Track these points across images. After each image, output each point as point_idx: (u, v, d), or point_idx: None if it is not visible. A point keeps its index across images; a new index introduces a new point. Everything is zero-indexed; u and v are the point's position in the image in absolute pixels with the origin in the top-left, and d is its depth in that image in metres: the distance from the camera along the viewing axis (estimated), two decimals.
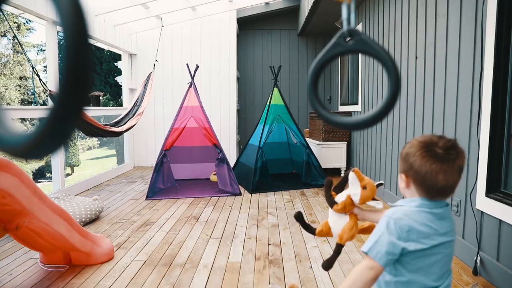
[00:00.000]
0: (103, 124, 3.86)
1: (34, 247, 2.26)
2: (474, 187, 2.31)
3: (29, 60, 2.95)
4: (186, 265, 2.47)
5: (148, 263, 2.50)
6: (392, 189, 3.84)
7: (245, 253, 2.67)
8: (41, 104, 20.12)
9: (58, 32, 4.06)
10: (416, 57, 3.23)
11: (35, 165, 18.03)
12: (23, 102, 21.46)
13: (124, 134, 6.04)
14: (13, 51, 20.78)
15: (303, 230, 3.08)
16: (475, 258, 2.23)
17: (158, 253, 2.68)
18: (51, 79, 4.09)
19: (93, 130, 3.60)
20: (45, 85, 2.93)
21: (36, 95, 21.42)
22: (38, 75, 2.80)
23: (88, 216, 3.31)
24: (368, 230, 1.37)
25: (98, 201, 3.55)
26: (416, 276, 1.02)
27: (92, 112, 5.01)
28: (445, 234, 1.04)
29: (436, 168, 0.97)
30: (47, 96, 3.08)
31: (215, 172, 4.86)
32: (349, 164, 5.62)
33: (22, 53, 21.83)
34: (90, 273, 2.35)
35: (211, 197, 4.35)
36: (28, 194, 1.80)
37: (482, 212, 2.24)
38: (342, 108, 6.26)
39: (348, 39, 0.55)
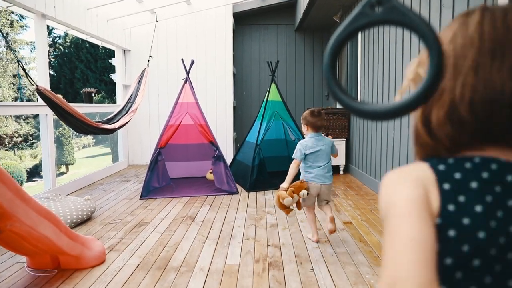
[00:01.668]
0: (95, 121, 3.72)
1: (19, 251, 2.13)
2: None
3: (12, 50, 2.81)
4: (182, 268, 2.36)
5: (141, 267, 2.38)
6: None
7: (243, 255, 2.55)
8: (27, 100, 19.86)
9: (48, 26, 3.92)
10: (419, 52, 3.12)
11: (29, 163, 17.82)
12: (17, 100, 21.19)
13: (118, 131, 5.90)
14: (6, 49, 20.48)
15: (302, 230, 2.98)
16: None
17: (152, 255, 2.56)
18: (41, 75, 3.95)
19: (83, 127, 3.46)
20: (32, 80, 2.79)
21: (23, 91, 21.16)
22: (24, 69, 2.66)
23: (80, 216, 3.18)
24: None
25: (90, 201, 3.43)
26: (312, 162, 2.70)
27: (84, 109, 4.87)
28: (321, 146, 2.70)
29: (315, 119, 2.70)
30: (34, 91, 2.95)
31: (211, 170, 4.74)
32: (348, 161, 5.52)
33: (15, 51, 21.55)
34: (80, 278, 2.23)
35: (208, 196, 4.23)
36: (10, 195, 1.67)
37: None
38: (340, 105, 6.14)
39: (376, 7, 0.44)
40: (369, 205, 3.75)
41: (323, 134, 2.80)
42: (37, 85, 2.91)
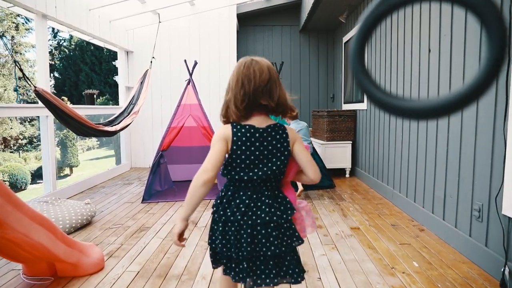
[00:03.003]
0: (95, 123, 3.64)
1: (14, 258, 2.05)
2: (500, 191, 2.09)
3: (9, 50, 2.73)
4: (183, 276, 2.26)
5: (141, 274, 2.29)
6: (402, 191, 3.62)
7: None
8: (27, 102, 19.92)
9: (54, 29, 3.85)
10: (429, 50, 3.01)
11: (33, 165, 17.83)
12: (22, 102, 21.27)
13: (121, 133, 5.83)
14: (12, 51, 20.57)
15: (309, 236, 2.87)
16: (502, 270, 2.02)
17: (152, 262, 2.46)
18: (42, 76, 3.88)
19: (83, 129, 3.38)
20: (30, 81, 2.72)
21: (19, 92, 21.22)
22: (21, 70, 2.59)
23: (79, 221, 3.10)
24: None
25: (90, 205, 3.34)
26: None
27: (86, 111, 4.80)
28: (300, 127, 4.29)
29: None
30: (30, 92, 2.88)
31: None
32: (355, 164, 5.40)
33: (21, 53, 21.64)
34: (77, 286, 2.14)
35: (210, 199, 4.13)
36: (0, 201, 1.58)
37: (510, 218, 2.03)
38: (346, 107, 6.04)
39: None
40: (377, 210, 3.63)
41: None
42: (35, 86, 2.83)
